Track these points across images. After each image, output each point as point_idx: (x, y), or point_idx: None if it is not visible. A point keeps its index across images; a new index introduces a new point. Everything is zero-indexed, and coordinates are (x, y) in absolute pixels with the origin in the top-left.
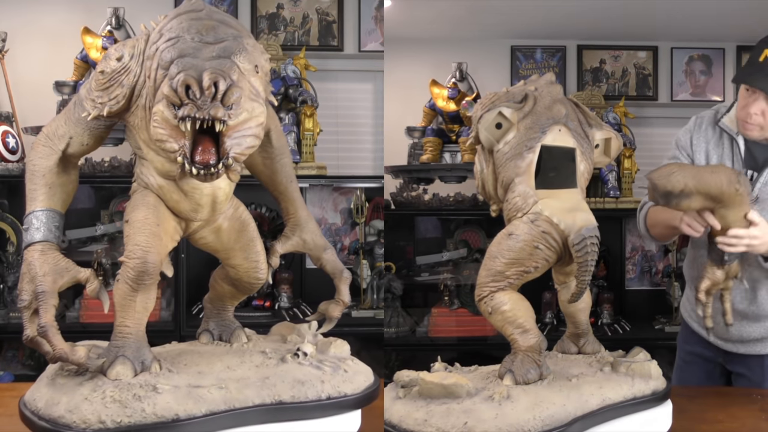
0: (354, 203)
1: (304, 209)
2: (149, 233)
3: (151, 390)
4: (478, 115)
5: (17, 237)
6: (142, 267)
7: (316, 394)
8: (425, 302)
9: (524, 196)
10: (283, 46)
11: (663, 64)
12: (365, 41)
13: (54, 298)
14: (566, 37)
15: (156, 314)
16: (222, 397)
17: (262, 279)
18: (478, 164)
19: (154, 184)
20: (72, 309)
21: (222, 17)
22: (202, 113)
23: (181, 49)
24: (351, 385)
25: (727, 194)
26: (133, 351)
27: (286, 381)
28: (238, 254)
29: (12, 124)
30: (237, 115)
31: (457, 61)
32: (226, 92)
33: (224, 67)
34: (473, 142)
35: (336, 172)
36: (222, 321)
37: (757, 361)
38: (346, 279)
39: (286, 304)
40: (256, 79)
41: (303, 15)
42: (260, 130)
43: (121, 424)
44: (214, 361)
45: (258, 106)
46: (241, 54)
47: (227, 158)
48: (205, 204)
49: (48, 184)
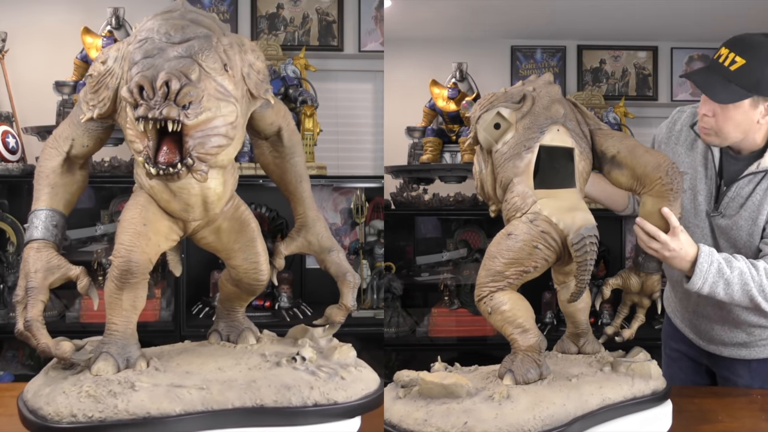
0: (354, 203)
1: (312, 210)
2: (133, 233)
3: (128, 387)
4: (476, 116)
5: (17, 237)
6: (125, 266)
7: (302, 401)
8: (425, 302)
9: (523, 196)
10: (283, 46)
11: (663, 64)
12: (365, 41)
13: (43, 294)
14: (566, 37)
15: (156, 314)
16: (201, 398)
17: (262, 280)
18: (477, 165)
19: (146, 184)
20: (72, 309)
21: (195, 16)
22: (153, 113)
23: (146, 50)
24: (344, 393)
25: (649, 179)
26: (118, 348)
27: (273, 385)
28: (238, 255)
29: (12, 124)
30: (196, 115)
31: (457, 61)
32: (179, 92)
33: (182, 67)
34: (472, 142)
35: (336, 172)
36: (231, 322)
37: (743, 366)
38: (349, 283)
39: (286, 304)
40: (225, 77)
41: (303, 15)
42: (229, 129)
43: (93, 419)
44: (208, 361)
45: (226, 105)
46: (206, 53)
47: (189, 158)
48: (195, 204)
49: (51, 184)
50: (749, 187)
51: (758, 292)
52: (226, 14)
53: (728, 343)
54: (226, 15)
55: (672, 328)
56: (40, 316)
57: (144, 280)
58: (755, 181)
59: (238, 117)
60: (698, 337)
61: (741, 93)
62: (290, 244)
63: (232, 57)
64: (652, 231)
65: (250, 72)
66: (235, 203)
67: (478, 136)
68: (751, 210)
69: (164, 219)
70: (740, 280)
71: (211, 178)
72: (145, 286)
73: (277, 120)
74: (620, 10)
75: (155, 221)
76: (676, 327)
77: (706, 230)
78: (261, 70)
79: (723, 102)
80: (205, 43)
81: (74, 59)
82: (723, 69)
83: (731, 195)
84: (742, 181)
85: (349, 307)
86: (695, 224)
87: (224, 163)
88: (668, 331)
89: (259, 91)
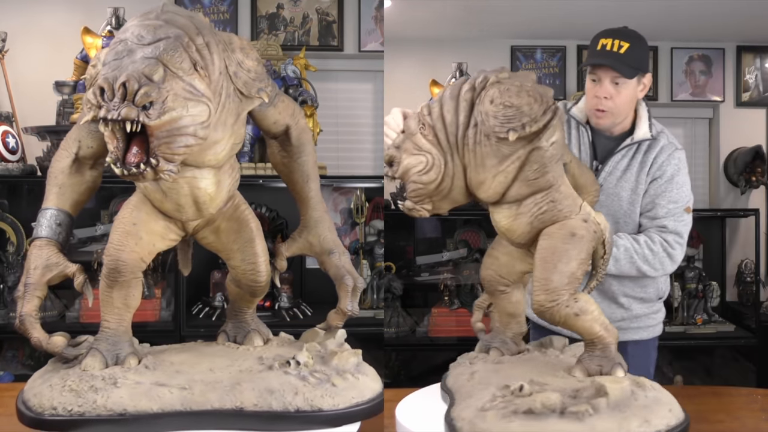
0: (354, 203)
1: (317, 210)
2: (122, 232)
3: (111, 383)
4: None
5: (17, 237)
6: (113, 264)
7: (283, 406)
8: (425, 302)
9: (573, 198)
10: (283, 46)
11: (663, 64)
12: (365, 41)
13: (39, 290)
14: (566, 37)
15: (156, 314)
16: (181, 398)
17: (260, 281)
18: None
19: (141, 185)
20: (72, 309)
21: (170, 17)
22: (111, 114)
23: (117, 51)
24: (331, 400)
25: (587, 189)
26: (108, 345)
27: (256, 389)
28: (236, 255)
29: (12, 124)
30: (158, 115)
31: (457, 61)
32: (137, 93)
33: (144, 68)
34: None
35: (336, 172)
36: (238, 323)
37: (620, 351)
38: (346, 286)
39: (286, 304)
40: (195, 77)
41: (303, 15)
42: (198, 129)
43: (72, 413)
44: (203, 361)
45: (195, 105)
46: (172, 53)
47: (153, 158)
48: (186, 204)
49: (59, 184)
50: (625, 160)
51: (642, 263)
52: (226, 14)
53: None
54: (226, 15)
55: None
56: (34, 311)
57: (135, 278)
58: (629, 155)
59: (211, 116)
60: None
61: (633, 71)
62: (291, 245)
63: (207, 56)
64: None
65: (238, 71)
66: (235, 203)
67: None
68: (631, 181)
69: (160, 219)
70: (626, 255)
71: (201, 178)
72: (138, 284)
73: (282, 119)
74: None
75: (148, 221)
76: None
77: None
78: (252, 69)
79: (629, 77)
80: (174, 43)
81: (74, 59)
82: (614, 54)
83: (608, 170)
84: (616, 156)
85: (346, 311)
86: None
87: (213, 162)
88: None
89: (250, 90)
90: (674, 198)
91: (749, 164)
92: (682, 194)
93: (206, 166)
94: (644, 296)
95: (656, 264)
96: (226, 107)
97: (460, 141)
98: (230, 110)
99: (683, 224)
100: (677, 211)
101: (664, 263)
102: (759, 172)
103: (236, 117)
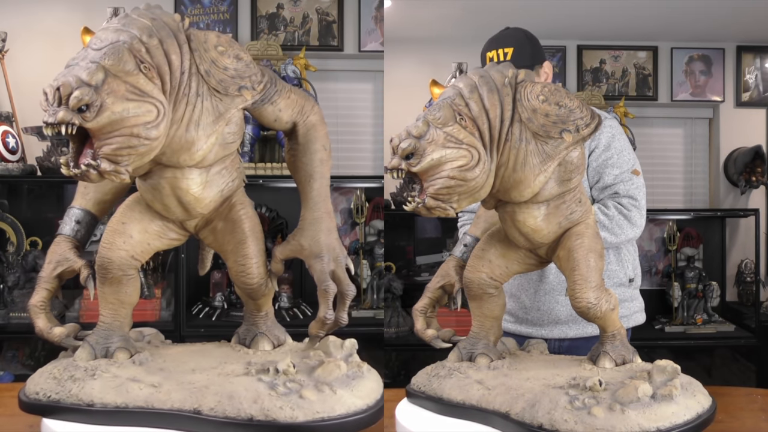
0: (354, 203)
1: (315, 211)
2: (111, 231)
3: (89, 375)
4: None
5: (17, 237)
6: (100, 261)
7: (237, 413)
8: None
9: (586, 197)
10: (283, 46)
11: (663, 64)
12: (365, 41)
13: (49, 284)
14: (566, 37)
15: (156, 314)
16: (147, 395)
17: (251, 284)
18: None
19: (140, 185)
20: (72, 309)
21: (129, 20)
22: (49, 119)
23: (72, 57)
24: (290, 412)
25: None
26: (100, 338)
27: (219, 393)
28: (230, 256)
29: (12, 124)
30: (95, 117)
31: (457, 61)
32: (70, 96)
33: (82, 72)
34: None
35: (336, 172)
36: (249, 325)
37: (553, 347)
38: (325, 293)
39: (286, 304)
40: (139, 77)
41: (303, 15)
42: (143, 129)
43: (50, 399)
44: (191, 361)
45: (139, 105)
46: (113, 56)
47: (95, 159)
48: (171, 205)
49: (84, 183)
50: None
51: (600, 229)
52: (226, 14)
53: (562, 319)
54: (226, 15)
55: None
56: (41, 303)
57: (125, 276)
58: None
59: (161, 116)
60: (537, 325)
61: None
62: (285, 248)
63: (160, 57)
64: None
65: (211, 69)
66: (230, 203)
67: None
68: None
69: (156, 218)
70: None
71: (183, 178)
72: (130, 282)
73: (283, 116)
74: (620, 10)
75: (142, 220)
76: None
77: None
78: (230, 67)
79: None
80: (119, 46)
81: None
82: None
83: None
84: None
85: (322, 317)
86: None
87: (191, 162)
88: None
89: (227, 88)
90: (617, 163)
91: (749, 164)
92: (623, 159)
93: (186, 166)
94: (608, 272)
95: (615, 228)
96: (196, 107)
97: (503, 137)
98: (206, 109)
99: (635, 187)
100: (625, 176)
101: (623, 226)
102: (759, 172)
103: (216, 116)
